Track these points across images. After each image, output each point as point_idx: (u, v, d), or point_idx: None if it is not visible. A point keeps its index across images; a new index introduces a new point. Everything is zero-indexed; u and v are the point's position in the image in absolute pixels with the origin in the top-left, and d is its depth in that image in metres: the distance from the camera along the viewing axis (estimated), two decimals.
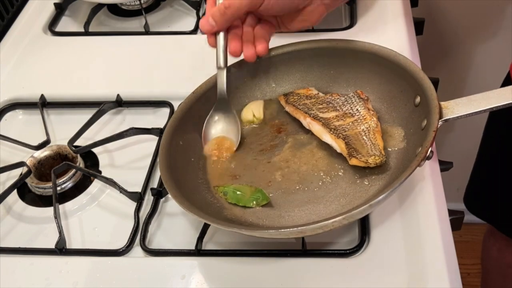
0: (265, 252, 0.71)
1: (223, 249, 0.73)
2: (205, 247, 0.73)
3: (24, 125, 0.93)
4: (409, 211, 0.73)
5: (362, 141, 0.73)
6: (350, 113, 0.77)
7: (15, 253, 0.74)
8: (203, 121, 0.80)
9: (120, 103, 0.92)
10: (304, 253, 0.70)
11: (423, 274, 0.67)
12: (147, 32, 1.05)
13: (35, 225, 0.78)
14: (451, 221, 0.75)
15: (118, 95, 0.92)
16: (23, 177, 0.81)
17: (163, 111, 0.90)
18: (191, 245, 0.72)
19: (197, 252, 0.71)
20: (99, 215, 0.79)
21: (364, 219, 0.72)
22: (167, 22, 1.10)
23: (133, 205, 0.77)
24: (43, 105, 0.93)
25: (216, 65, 0.77)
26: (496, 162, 1.14)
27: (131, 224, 0.75)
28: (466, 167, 1.20)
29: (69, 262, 0.72)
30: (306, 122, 0.78)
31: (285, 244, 0.72)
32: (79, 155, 0.84)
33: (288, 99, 0.82)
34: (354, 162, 0.71)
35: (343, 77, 0.83)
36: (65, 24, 1.12)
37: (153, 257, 0.73)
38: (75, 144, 0.85)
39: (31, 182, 0.81)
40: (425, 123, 0.70)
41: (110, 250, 0.73)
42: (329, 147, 0.76)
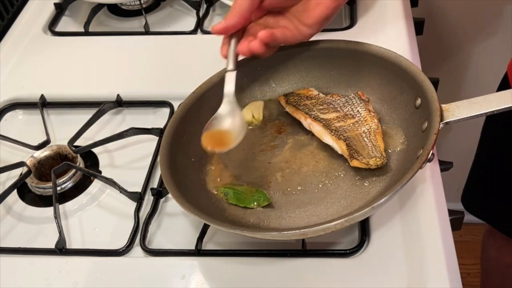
0: (265, 252, 0.71)
1: (223, 249, 0.73)
2: (205, 247, 0.73)
3: (24, 125, 0.93)
4: (409, 211, 0.73)
5: (363, 142, 0.73)
6: (351, 115, 0.77)
7: (15, 253, 0.74)
8: (203, 121, 0.80)
9: (120, 103, 0.92)
10: (304, 253, 0.70)
11: (423, 274, 0.67)
12: (147, 32, 1.05)
13: (35, 225, 0.78)
14: (451, 221, 0.75)
15: (118, 95, 0.92)
16: (23, 177, 0.81)
17: (163, 111, 0.90)
18: (191, 245, 0.72)
19: (197, 252, 0.71)
20: (99, 215, 0.79)
21: (364, 219, 0.72)
22: (167, 22, 1.09)
23: (133, 205, 0.77)
24: (43, 105, 0.92)
25: (226, 67, 0.74)
26: (493, 161, 1.14)
27: (131, 224, 0.75)
28: (466, 167, 1.20)
29: (69, 262, 0.72)
30: (306, 123, 0.78)
31: (285, 244, 0.72)
32: (79, 155, 0.84)
33: (288, 100, 0.81)
34: (355, 163, 0.71)
35: (343, 77, 0.83)
36: (65, 24, 1.12)
37: (153, 257, 0.73)
38: (75, 144, 0.85)
39: (31, 182, 0.81)
40: (426, 126, 0.70)
41: (110, 250, 0.73)
42: (329, 148, 0.76)
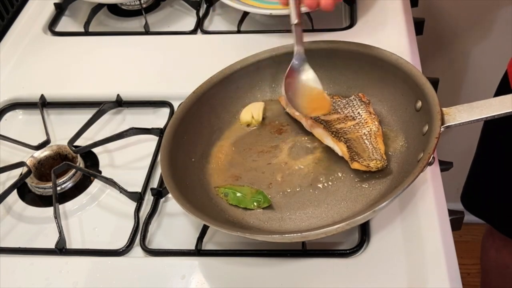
0: (265, 252, 0.71)
1: (223, 249, 0.73)
2: (205, 247, 0.73)
3: (24, 125, 0.93)
4: (409, 211, 0.73)
5: (363, 145, 0.73)
6: (351, 116, 0.77)
7: (15, 253, 0.74)
8: (203, 121, 0.80)
9: (120, 103, 0.92)
10: (304, 253, 0.70)
11: (423, 274, 0.67)
12: (147, 32, 1.05)
13: (35, 225, 0.78)
14: (451, 221, 0.75)
15: (118, 95, 0.92)
16: (23, 177, 0.81)
17: (163, 111, 0.90)
18: (191, 245, 0.72)
19: (197, 252, 0.71)
20: (99, 215, 0.78)
21: None
22: (167, 22, 1.09)
23: (133, 205, 0.77)
24: (43, 105, 0.92)
25: (290, 21, 0.75)
26: (493, 161, 1.14)
27: (131, 224, 0.75)
28: (466, 167, 1.20)
29: (69, 262, 0.72)
30: (307, 124, 0.78)
31: (285, 244, 0.72)
32: (79, 155, 0.83)
33: None
34: (355, 166, 0.71)
35: (344, 79, 0.83)
36: (65, 24, 1.12)
37: (153, 257, 0.73)
38: (75, 144, 0.85)
39: (31, 182, 0.81)
40: (426, 129, 0.70)
41: (110, 250, 0.73)
42: (329, 150, 0.76)
